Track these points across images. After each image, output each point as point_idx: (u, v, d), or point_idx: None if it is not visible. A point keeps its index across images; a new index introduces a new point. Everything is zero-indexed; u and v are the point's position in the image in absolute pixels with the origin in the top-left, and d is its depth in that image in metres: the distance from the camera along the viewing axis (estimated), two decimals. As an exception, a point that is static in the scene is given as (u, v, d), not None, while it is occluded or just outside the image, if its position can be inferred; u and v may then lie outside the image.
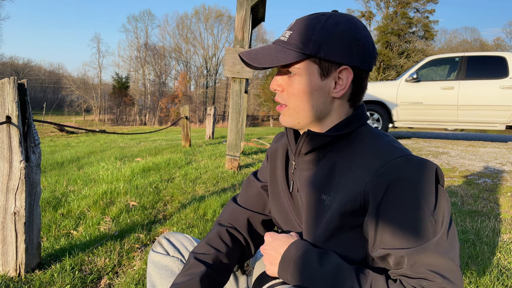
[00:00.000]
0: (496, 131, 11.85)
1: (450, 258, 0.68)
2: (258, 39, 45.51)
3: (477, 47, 41.57)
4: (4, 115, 1.59)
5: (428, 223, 0.69)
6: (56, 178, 3.97)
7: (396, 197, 0.70)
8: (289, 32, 0.80)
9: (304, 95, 0.79)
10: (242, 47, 4.08)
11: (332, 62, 0.77)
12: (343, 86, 0.79)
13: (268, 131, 13.60)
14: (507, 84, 6.23)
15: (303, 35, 0.77)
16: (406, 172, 0.71)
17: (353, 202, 0.74)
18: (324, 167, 0.81)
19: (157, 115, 43.15)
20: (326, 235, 0.77)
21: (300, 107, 0.80)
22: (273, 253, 0.81)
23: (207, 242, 0.96)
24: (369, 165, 0.74)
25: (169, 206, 2.97)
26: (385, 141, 0.78)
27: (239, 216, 1.01)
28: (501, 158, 4.94)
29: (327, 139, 0.80)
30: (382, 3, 35.37)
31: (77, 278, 1.71)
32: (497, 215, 2.62)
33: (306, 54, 0.76)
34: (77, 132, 14.04)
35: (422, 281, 0.67)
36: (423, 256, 0.68)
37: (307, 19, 0.79)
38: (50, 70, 61.88)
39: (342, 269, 0.72)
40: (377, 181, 0.71)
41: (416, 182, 0.70)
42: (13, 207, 1.66)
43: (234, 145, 4.22)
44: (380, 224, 0.71)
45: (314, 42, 0.76)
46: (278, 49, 0.79)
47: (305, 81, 0.78)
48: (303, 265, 0.75)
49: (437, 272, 0.67)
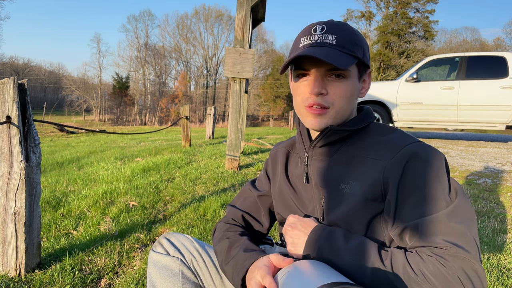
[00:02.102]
0: (496, 131, 11.85)
1: (464, 227, 0.70)
2: (258, 39, 45.54)
3: (477, 47, 41.57)
4: (4, 115, 1.59)
5: (442, 198, 0.73)
6: (56, 178, 3.97)
7: (413, 175, 0.75)
8: (332, 35, 0.80)
9: (351, 97, 0.84)
10: (242, 47, 4.08)
11: (365, 66, 0.86)
12: (366, 87, 0.90)
13: (268, 131, 13.60)
14: (507, 84, 6.23)
15: (350, 40, 0.81)
16: (422, 154, 0.76)
17: (374, 187, 0.78)
18: (339, 159, 0.86)
19: (157, 115, 43.16)
20: (347, 222, 0.81)
21: (344, 108, 0.84)
22: (298, 233, 0.83)
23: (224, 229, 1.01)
24: (386, 152, 0.79)
25: (169, 206, 2.97)
26: (398, 133, 0.84)
27: (236, 215, 1.07)
28: (501, 158, 4.94)
29: (345, 133, 0.85)
30: (382, 3, 35.37)
31: (77, 278, 1.71)
32: (497, 215, 2.62)
33: (357, 57, 0.81)
34: (77, 132, 14.04)
35: (435, 249, 0.70)
36: (435, 225, 0.71)
37: (340, 24, 0.83)
38: (50, 70, 61.95)
39: (366, 245, 0.75)
40: (394, 164, 0.77)
41: (431, 163, 0.76)
42: (13, 207, 1.66)
43: (234, 145, 4.22)
44: (399, 200, 0.76)
45: (359, 46, 0.82)
46: (336, 52, 0.79)
47: (353, 83, 0.83)
48: (330, 242, 0.78)
49: (450, 241, 0.69)
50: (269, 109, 42.48)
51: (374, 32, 35.73)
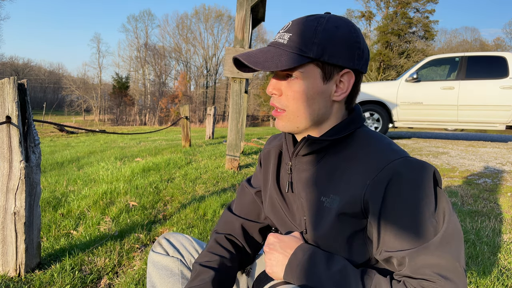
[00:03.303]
0: (496, 131, 11.84)
1: (452, 257, 0.68)
2: (258, 39, 45.53)
3: (477, 47, 41.56)
4: (4, 115, 1.59)
5: (429, 224, 0.69)
6: (56, 178, 3.97)
7: (396, 199, 0.70)
8: (288, 34, 0.77)
9: (305, 100, 0.77)
10: (242, 47, 4.08)
11: (335, 66, 0.76)
12: (344, 90, 0.78)
13: (268, 131, 13.60)
14: (507, 84, 6.23)
15: (305, 38, 0.74)
16: (405, 173, 0.71)
17: (353, 204, 0.74)
18: (322, 169, 0.81)
19: (157, 115, 43.15)
20: (328, 237, 0.78)
21: (301, 111, 0.78)
22: (277, 255, 0.81)
23: (209, 250, 0.97)
24: (368, 167, 0.74)
25: (169, 206, 2.97)
26: (383, 143, 0.78)
27: (234, 225, 1.02)
28: (501, 158, 4.94)
29: (325, 143, 0.79)
30: (382, 3, 35.35)
31: (77, 278, 1.71)
32: (497, 215, 2.62)
33: (309, 57, 0.74)
34: (77, 132, 14.04)
35: (423, 282, 0.67)
36: (424, 256, 0.68)
37: (306, 21, 0.77)
38: (50, 70, 61.94)
39: (348, 271, 0.73)
40: (377, 184, 0.71)
41: (415, 184, 0.70)
42: (13, 207, 1.66)
43: (234, 145, 4.22)
44: (382, 227, 0.72)
45: (317, 45, 0.74)
46: (279, 53, 0.76)
47: (307, 84, 0.76)
48: (310, 268, 0.75)
49: (439, 273, 0.66)
50: (269, 109, 42.40)
51: (374, 32, 35.73)
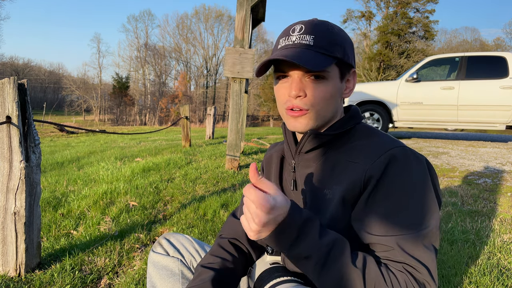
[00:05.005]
0: (496, 131, 11.85)
1: (434, 253, 0.72)
2: (258, 39, 45.53)
3: (477, 47, 41.54)
4: (4, 115, 1.59)
5: (419, 212, 0.72)
6: (56, 178, 3.97)
7: (390, 182, 0.74)
8: (309, 36, 0.78)
9: (330, 99, 0.81)
10: (242, 47, 4.08)
11: (348, 65, 0.83)
12: (351, 87, 0.86)
13: (268, 131, 13.60)
14: (507, 84, 6.22)
15: (329, 40, 0.78)
16: (403, 159, 0.75)
17: (353, 188, 0.77)
18: (325, 164, 0.84)
19: (157, 115, 43.15)
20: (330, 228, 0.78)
21: (325, 110, 0.82)
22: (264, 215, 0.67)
23: (211, 253, 0.96)
24: (369, 156, 0.77)
25: (169, 206, 2.97)
26: (382, 135, 0.83)
27: (238, 229, 1.00)
28: (501, 158, 4.94)
29: (328, 137, 0.83)
30: (382, 3, 35.34)
31: (77, 278, 1.71)
32: (497, 215, 2.62)
33: (337, 57, 0.79)
34: (77, 132, 14.04)
35: (407, 266, 0.70)
36: (411, 245, 0.70)
37: (319, 24, 0.80)
38: (50, 70, 61.92)
39: (338, 243, 0.72)
40: (375, 167, 0.75)
41: (411, 171, 0.74)
42: (13, 207, 1.66)
43: (234, 145, 4.22)
44: (371, 209, 0.74)
45: (340, 46, 0.79)
46: (312, 53, 0.77)
47: (332, 84, 0.81)
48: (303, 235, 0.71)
49: (424, 263, 0.69)
50: (269, 109, 42.43)
51: (374, 32, 35.72)
